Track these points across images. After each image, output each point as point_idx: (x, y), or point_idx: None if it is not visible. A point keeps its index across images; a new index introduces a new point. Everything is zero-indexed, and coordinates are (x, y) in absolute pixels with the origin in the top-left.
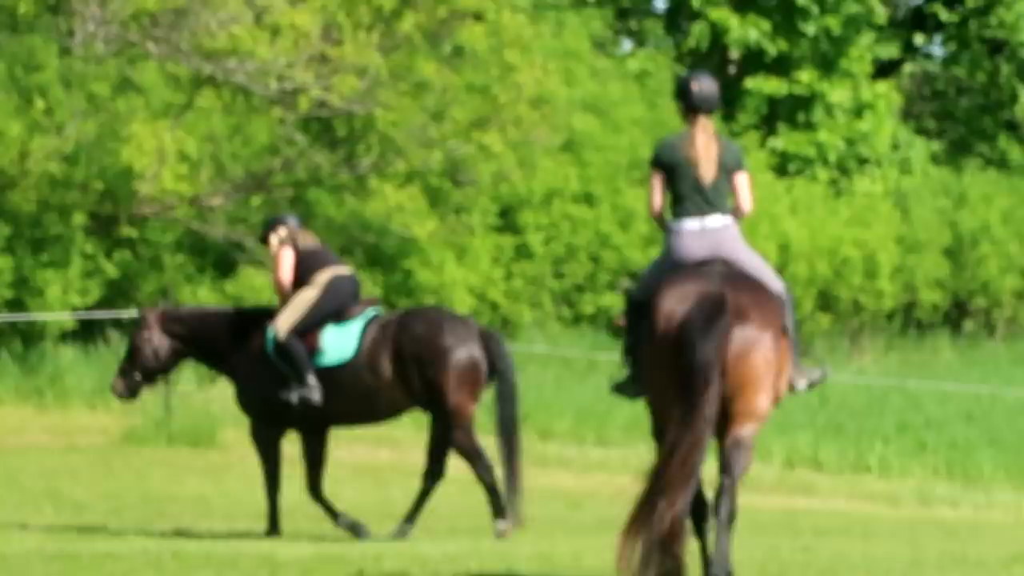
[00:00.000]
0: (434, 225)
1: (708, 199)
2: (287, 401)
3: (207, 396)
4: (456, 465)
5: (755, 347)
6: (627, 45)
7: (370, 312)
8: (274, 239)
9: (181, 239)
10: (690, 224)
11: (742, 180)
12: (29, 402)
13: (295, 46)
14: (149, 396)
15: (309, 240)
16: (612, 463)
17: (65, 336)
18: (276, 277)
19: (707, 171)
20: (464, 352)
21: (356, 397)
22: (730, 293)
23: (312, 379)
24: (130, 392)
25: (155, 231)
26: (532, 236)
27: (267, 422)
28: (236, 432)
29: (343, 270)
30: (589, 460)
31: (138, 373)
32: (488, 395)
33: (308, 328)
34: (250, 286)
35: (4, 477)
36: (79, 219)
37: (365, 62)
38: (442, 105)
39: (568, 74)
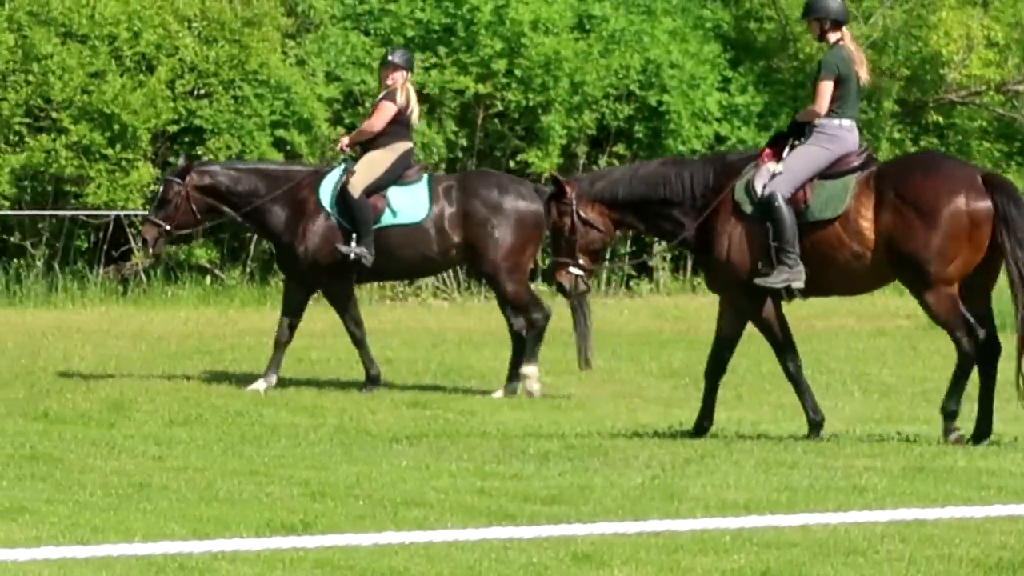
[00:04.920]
0: None
1: (857, 103)
2: (345, 255)
3: None
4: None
5: None
6: None
7: (424, 176)
8: (390, 80)
9: (988, 125)
10: (849, 123)
11: None
12: None
13: None
14: None
15: (412, 97)
16: None
17: None
18: (369, 122)
19: (862, 79)
20: (525, 206)
21: (417, 255)
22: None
23: (371, 242)
24: (155, 245)
25: (962, 117)
26: None
27: (336, 276)
28: None
29: (411, 144)
30: None
31: (168, 227)
32: None
33: (374, 191)
34: None
35: (813, 360)
36: (887, 105)
37: None
38: None
39: None
